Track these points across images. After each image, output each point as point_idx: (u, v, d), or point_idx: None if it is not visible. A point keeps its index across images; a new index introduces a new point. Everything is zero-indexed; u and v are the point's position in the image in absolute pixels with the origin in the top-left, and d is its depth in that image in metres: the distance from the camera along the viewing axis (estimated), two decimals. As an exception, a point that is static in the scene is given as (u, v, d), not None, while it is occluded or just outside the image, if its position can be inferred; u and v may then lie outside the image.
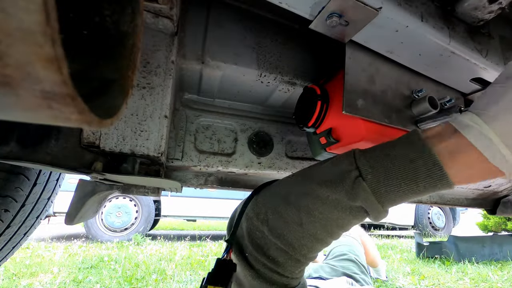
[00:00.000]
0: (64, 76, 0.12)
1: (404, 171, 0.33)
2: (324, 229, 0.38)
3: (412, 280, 2.52)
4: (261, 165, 0.70)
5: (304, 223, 0.38)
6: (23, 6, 0.10)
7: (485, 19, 0.45)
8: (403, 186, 0.34)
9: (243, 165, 0.69)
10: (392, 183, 0.34)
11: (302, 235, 0.38)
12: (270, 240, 0.40)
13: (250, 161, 0.69)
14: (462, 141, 0.32)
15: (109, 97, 0.22)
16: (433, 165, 0.33)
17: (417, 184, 0.33)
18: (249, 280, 0.41)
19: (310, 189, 0.38)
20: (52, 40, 0.11)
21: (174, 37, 0.49)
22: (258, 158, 0.70)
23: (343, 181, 0.36)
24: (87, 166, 0.47)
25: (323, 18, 0.41)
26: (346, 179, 0.36)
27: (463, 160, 0.32)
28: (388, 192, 0.34)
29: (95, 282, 2.20)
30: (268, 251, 0.40)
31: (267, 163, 0.71)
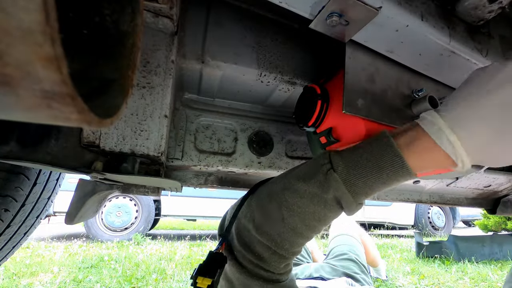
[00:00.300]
0: (63, 76, 0.12)
1: (369, 162, 0.37)
2: (303, 223, 0.40)
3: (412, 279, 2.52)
4: (261, 165, 0.70)
5: (285, 218, 0.40)
6: (22, 6, 0.10)
7: (485, 19, 0.45)
8: (369, 176, 0.37)
9: (243, 165, 0.69)
10: (359, 173, 0.37)
11: (283, 230, 0.41)
12: (255, 237, 0.42)
13: (250, 160, 0.69)
14: (418, 131, 0.37)
15: (109, 97, 0.22)
16: (394, 155, 0.36)
17: (381, 173, 0.37)
18: (237, 276, 0.44)
19: (289, 184, 0.42)
20: (51, 40, 0.11)
21: (174, 36, 0.49)
22: (258, 158, 0.70)
23: (316, 174, 0.40)
24: (87, 166, 0.47)
25: (323, 17, 0.41)
26: (319, 172, 0.39)
27: (419, 148, 0.36)
28: (356, 181, 0.37)
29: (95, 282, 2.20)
30: (254, 248, 0.42)
31: (267, 162, 0.71)
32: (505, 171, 0.97)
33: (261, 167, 0.70)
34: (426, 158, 0.36)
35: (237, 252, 0.44)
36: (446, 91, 0.57)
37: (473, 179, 0.97)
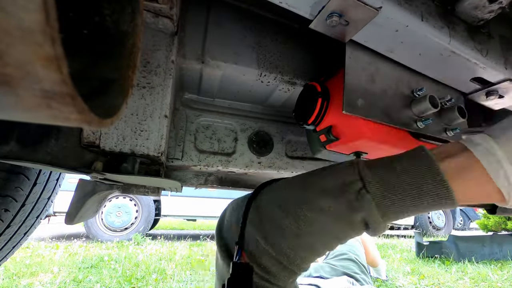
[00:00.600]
0: (63, 76, 0.12)
1: (408, 186, 0.33)
2: (322, 241, 0.36)
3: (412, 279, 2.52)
4: (261, 165, 0.70)
5: (302, 234, 0.36)
6: (22, 5, 0.10)
7: (485, 19, 0.45)
8: (407, 201, 0.33)
9: (243, 165, 0.68)
10: (396, 197, 0.33)
11: (299, 245, 0.36)
12: (263, 248, 0.38)
13: (250, 160, 0.69)
14: (469, 158, 0.32)
15: (109, 97, 0.22)
16: (439, 182, 0.32)
17: (421, 200, 0.32)
18: None
19: (311, 197, 0.36)
20: (52, 40, 0.11)
21: (174, 36, 0.49)
22: (258, 158, 0.70)
23: (346, 192, 0.34)
24: (87, 166, 0.47)
25: (323, 17, 0.41)
26: (350, 190, 0.34)
27: (468, 177, 0.32)
28: (391, 206, 0.33)
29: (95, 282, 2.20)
30: (259, 259, 0.38)
31: (267, 162, 0.71)
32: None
33: (261, 167, 0.70)
34: (475, 191, 0.33)
35: None
36: (446, 91, 0.57)
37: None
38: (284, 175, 0.80)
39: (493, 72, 0.49)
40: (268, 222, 0.38)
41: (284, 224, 0.36)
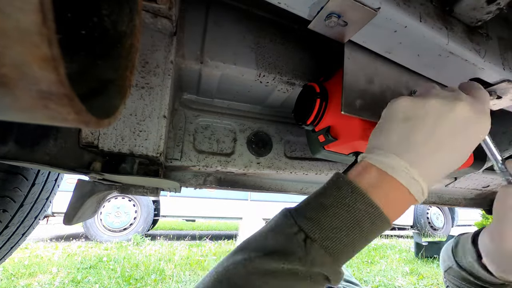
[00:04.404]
0: (61, 76, 0.12)
1: (347, 220, 0.32)
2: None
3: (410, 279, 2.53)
4: (260, 165, 0.70)
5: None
6: (19, 6, 0.10)
7: (483, 20, 0.46)
8: (350, 234, 0.32)
9: (242, 165, 0.69)
10: (340, 235, 0.32)
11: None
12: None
13: (249, 161, 0.69)
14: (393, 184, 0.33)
15: (107, 97, 0.22)
16: (370, 206, 0.32)
17: (361, 229, 0.32)
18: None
19: (259, 264, 0.31)
20: (48, 40, 0.11)
21: (173, 37, 0.49)
22: (257, 158, 0.70)
23: (293, 248, 0.32)
24: (86, 166, 0.47)
25: (321, 18, 0.41)
26: (295, 244, 0.32)
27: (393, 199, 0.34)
28: (341, 247, 0.32)
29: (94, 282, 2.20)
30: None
31: (266, 163, 0.71)
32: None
33: (260, 167, 0.70)
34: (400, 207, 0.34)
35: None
36: (445, 91, 0.58)
37: (472, 180, 0.98)
38: (283, 175, 0.81)
39: (491, 73, 0.49)
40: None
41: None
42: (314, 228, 0.32)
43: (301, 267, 0.31)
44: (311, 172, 0.75)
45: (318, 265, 0.31)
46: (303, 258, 0.31)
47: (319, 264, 0.31)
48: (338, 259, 0.32)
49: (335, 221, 0.32)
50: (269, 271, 0.30)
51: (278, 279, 0.30)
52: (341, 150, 0.55)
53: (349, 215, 0.32)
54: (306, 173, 0.75)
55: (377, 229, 0.33)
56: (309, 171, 0.75)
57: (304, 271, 0.31)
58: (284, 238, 0.33)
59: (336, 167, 0.78)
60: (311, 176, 0.78)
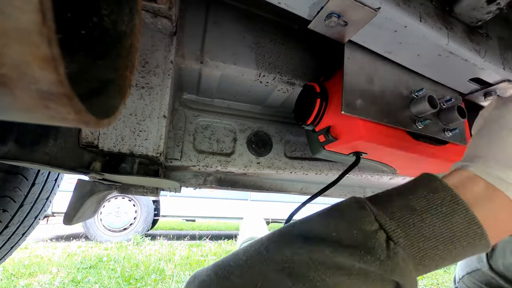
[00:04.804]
0: (60, 76, 0.12)
1: (441, 232, 0.27)
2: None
3: (411, 280, 2.52)
4: (260, 165, 0.70)
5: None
6: (19, 6, 0.10)
7: (483, 20, 0.46)
8: (440, 248, 0.28)
9: (242, 165, 0.69)
10: (427, 245, 0.27)
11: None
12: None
13: (249, 161, 0.69)
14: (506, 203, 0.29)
15: (107, 97, 0.21)
16: (473, 224, 0.28)
17: (454, 246, 0.28)
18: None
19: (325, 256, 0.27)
20: (48, 40, 0.11)
21: (173, 37, 0.49)
22: (257, 158, 0.70)
23: (373, 248, 0.27)
24: (86, 166, 0.47)
25: (321, 18, 0.41)
26: (375, 244, 0.27)
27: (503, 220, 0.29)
28: (425, 258, 0.28)
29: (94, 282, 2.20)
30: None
31: (266, 163, 0.71)
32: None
33: (260, 167, 0.70)
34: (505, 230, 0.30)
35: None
36: (445, 91, 0.58)
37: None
38: (283, 175, 0.81)
39: (491, 72, 0.49)
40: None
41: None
42: (398, 231, 0.28)
43: (377, 270, 0.27)
44: (311, 172, 0.75)
45: (398, 273, 0.27)
46: (384, 262, 0.27)
47: (399, 273, 0.27)
48: (419, 271, 0.28)
49: (425, 230, 0.28)
50: (339, 267, 0.26)
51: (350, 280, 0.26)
52: (342, 150, 0.55)
53: (444, 226, 0.28)
54: (306, 173, 0.75)
55: (473, 251, 0.28)
56: (309, 171, 0.75)
57: (377, 275, 0.27)
58: (362, 234, 0.28)
59: (336, 167, 0.78)
60: (311, 176, 0.78)
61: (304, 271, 0.26)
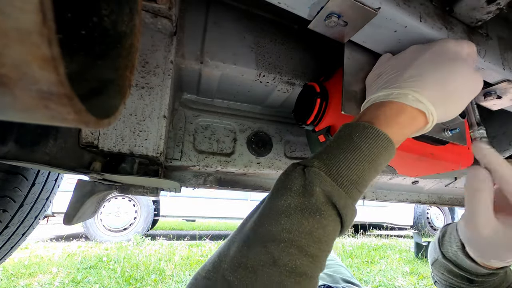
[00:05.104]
0: (60, 76, 0.12)
1: (344, 145, 0.33)
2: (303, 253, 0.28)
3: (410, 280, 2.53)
4: (260, 165, 0.70)
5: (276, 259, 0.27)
6: (19, 6, 0.10)
7: (483, 20, 0.46)
8: (349, 157, 0.32)
9: (242, 165, 0.68)
10: (339, 158, 0.32)
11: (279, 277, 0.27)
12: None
13: (249, 161, 0.69)
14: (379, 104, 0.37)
15: (107, 97, 0.22)
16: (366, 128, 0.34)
17: (361, 151, 0.32)
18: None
19: (264, 209, 0.32)
20: (48, 40, 0.11)
21: (173, 37, 0.49)
22: (257, 158, 0.70)
23: (291, 178, 0.32)
24: (86, 166, 0.47)
25: (321, 18, 0.41)
26: (295, 174, 0.32)
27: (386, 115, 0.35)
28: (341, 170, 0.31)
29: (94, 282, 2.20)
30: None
31: (266, 163, 0.71)
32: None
33: (260, 167, 0.70)
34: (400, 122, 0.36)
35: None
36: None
37: (472, 180, 0.97)
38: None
39: (491, 72, 0.49)
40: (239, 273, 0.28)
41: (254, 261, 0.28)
42: (312, 160, 0.33)
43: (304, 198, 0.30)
44: (311, 172, 0.75)
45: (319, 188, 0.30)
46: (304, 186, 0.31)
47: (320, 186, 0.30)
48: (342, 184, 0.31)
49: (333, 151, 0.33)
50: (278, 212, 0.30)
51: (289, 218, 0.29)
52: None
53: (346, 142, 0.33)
54: (306, 173, 0.75)
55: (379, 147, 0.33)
56: (309, 171, 0.75)
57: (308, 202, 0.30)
58: (285, 175, 0.34)
59: (336, 167, 0.78)
60: (311, 176, 0.78)
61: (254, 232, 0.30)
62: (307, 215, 0.30)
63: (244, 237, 0.31)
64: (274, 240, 0.28)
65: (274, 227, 0.29)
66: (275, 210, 0.30)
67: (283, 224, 0.29)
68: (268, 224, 0.30)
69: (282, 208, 0.30)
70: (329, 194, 0.31)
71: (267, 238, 0.29)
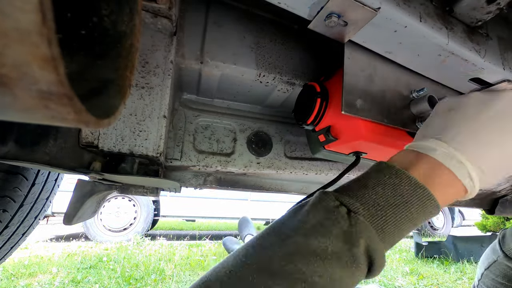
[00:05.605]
0: (60, 76, 0.12)
1: (393, 199, 0.30)
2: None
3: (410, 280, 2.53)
4: (260, 165, 0.70)
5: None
6: (19, 6, 0.10)
7: (483, 20, 0.46)
8: (397, 213, 0.30)
9: (242, 165, 0.68)
10: (384, 213, 0.30)
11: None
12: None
13: (249, 161, 0.69)
14: (434, 163, 0.33)
15: (107, 97, 0.21)
16: (417, 187, 0.31)
17: (408, 209, 0.30)
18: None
19: (297, 244, 0.28)
20: (48, 40, 0.11)
21: (173, 37, 0.49)
22: (257, 158, 0.70)
23: (335, 219, 0.29)
24: (86, 166, 0.47)
25: (321, 18, 0.41)
26: (338, 216, 0.29)
27: (439, 181, 0.32)
28: (386, 226, 0.30)
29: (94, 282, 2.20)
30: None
31: (266, 163, 0.71)
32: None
33: (260, 167, 0.70)
34: (447, 192, 0.33)
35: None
36: (445, 91, 0.58)
37: (472, 180, 0.97)
38: (283, 175, 0.81)
39: (491, 72, 0.49)
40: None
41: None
42: (356, 203, 0.30)
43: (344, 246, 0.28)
44: (311, 172, 0.75)
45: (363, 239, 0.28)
46: (347, 231, 0.28)
47: (364, 237, 0.28)
48: (384, 240, 0.30)
49: (379, 199, 0.30)
50: (313, 253, 0.27)
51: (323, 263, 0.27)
52: (342, 149, 0.55)
53: (395, 193, 0.31)
54: (306, 173, 0.75)
55: (426, 210, 0.31)
56: (309, 171, 0.75)
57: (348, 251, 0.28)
58: (324, 212, 0.30)
59: (337, 167, 0.78)
60: (311, 176, 0.78)
61: (281, 266, 0.27)
62: (343, 264, 0.28)
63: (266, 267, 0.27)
64: (305, 281, 0.27)
65: (306, 268, 0.27)
66: (309, 250, 0.28)
67: (316, 267, 0.27)
68: (298, 261, 0.27)
69: (317, 250, 0.28)
70: (371, 249, 0.29)
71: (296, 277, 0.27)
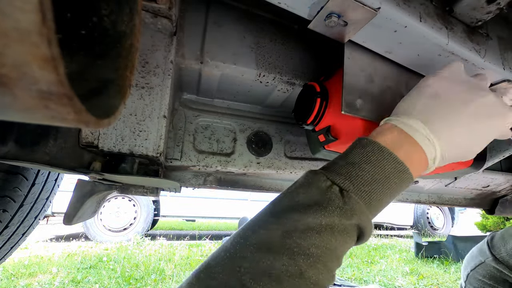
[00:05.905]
0: (60, 76, 0.12)
1: (377, 175, 0.34)
2: (326, 268, 0.29)
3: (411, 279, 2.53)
4: (260, 165, 0.70)
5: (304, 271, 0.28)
6: (19, 6, 0.10)
7: (483, 20, 0.46)
8: (380, 188, 0.33)
9: (242, 165, 0.68)
10: (370, 188, 0.33)
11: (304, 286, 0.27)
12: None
13: (249, 161, 0.69)
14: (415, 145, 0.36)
15: (107, 97, 0.21)
16: (395, 161, 0.35)
17: (389, 184, 0.34)
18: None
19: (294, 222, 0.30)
20: (48, 40, 0.11)
21: (173, 37, 0.49)
22: (257, 158, 0.70)
23: (330, 199, 0.31)
24: (86, 166, 0.47)
25: (321, 18, 0.41)
26: (332, 195, 0.32)
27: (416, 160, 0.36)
28: (373, 200, 0.33)
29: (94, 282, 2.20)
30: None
31: (266, 163, 0.71)
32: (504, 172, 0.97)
33: (260, 167, 0.70)
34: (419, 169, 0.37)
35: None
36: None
37: (472, 180, 0.98)
38: (283, 175, 0.81)
39: (491, 72, 0.49)
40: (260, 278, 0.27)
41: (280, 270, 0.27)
42: (346, 182, 0.33)
43: (338, 220, 0.31)
44: (311, 172, 0.75)
45: (357, 215, 0.32)
46: (343, 208, 0.31)
47: (358, 214, 0.32)
48: (371, 211, 0.33)
49: (365, 176, 0.33)
50: (309, 227, 0.30)
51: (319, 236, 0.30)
52: (342, 149, 0.55)
53: (377, 170, 0.34)
54: (306, 173, 0.75)
55: (403, 184, 0.35)
56: (309, 171, 0.75)
57: (340, 224, 0.31)
58: (318, 192, 0.32)
59: (336, 167, 0.78)
60: (311, 176, 0.78)
61: (280, 242, 0.29)
62: (337, 234, 0.31)
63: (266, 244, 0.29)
64: (303, 254, 0.29)
65: (304, 241, 0.29)
66: (305, 224, 0.30)
67: (313, 240, 0.29)
68: (297, 237, 0.29)
69: (313, 224, 0.30)
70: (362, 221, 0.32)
71: (296, 251, 0.29)
